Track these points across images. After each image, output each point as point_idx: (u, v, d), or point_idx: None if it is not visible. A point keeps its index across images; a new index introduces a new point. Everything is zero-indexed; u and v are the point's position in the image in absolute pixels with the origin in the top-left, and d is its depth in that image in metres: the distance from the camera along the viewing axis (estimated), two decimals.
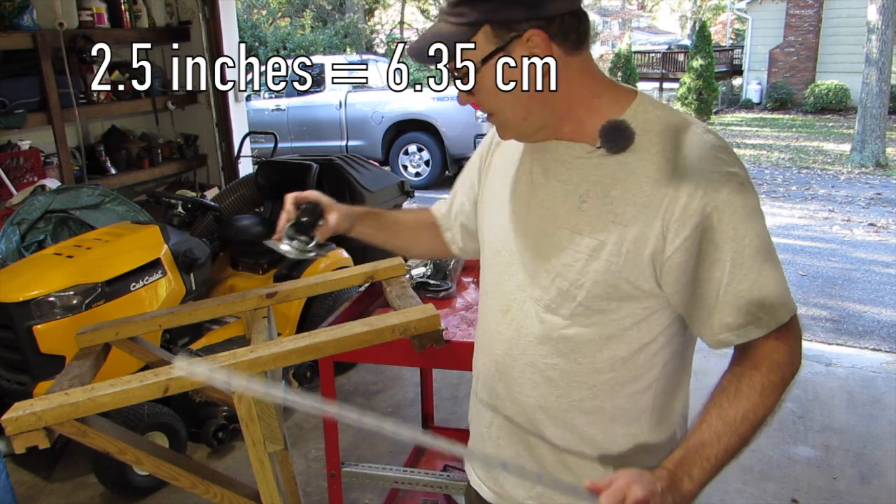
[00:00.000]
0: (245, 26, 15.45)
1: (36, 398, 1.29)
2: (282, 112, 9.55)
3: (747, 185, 0.99)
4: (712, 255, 0.97)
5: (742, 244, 0.96)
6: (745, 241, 0.97)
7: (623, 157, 1.01)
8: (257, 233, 3.57)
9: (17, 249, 3.08)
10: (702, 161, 0.98)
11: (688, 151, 0.98)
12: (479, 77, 1.01)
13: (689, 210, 0.96)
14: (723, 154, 0.99)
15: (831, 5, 15.89)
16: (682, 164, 0.97)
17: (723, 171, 0.97)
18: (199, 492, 1.45)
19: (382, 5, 23.66)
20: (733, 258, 0.97)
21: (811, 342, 4.16)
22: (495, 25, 0.97)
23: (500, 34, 0.98)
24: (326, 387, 1.85)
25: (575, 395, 1.10)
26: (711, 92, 14.98)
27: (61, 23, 4.06)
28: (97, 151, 4.56)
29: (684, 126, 1.01)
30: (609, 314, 1.04)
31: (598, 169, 1.03)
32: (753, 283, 0.97)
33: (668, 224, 0.97)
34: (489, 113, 1.07)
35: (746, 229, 0.97)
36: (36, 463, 2.92)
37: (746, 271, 0.97)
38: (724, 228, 0.96)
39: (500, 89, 1.01)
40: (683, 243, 0.97)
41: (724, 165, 0.98)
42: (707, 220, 0.96)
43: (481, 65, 0.99)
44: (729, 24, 24.60)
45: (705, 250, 0.97)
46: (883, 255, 5.90)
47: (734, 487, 2.75)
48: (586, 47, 1.03)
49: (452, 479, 2.02)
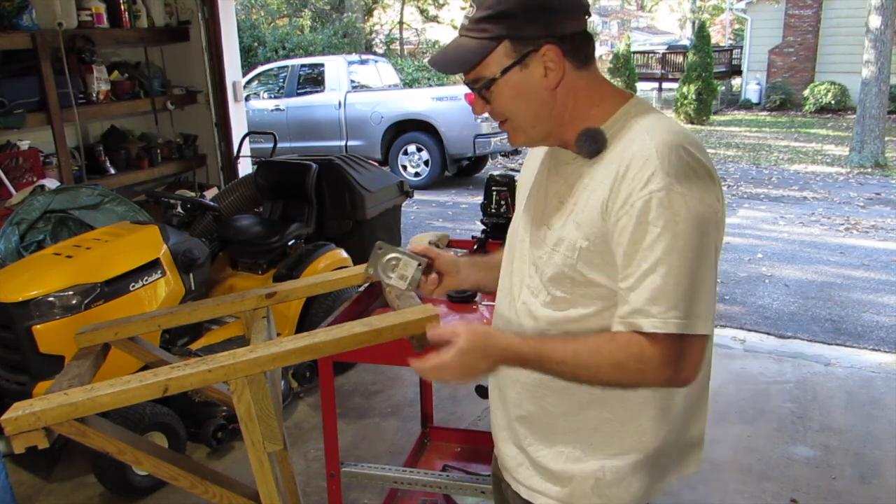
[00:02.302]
0: (244, 26, 15.45)
1: (35, 398, 1.29)
2: (281, 112, 9.56)
3: (686, 186, 1.01)
4: (635, 236, 1.03)
5: (652, 238, 1.01)
6: (653, 236, 1.01)
7: (595, 161, 1.10)
8: (256, 233, 3.57)
9: (16, 249, 3.07)
10: (639, 167, 1.03)
11: (629, 158, 1.04)
12: (498, 87, 1.10)
13: (623, 207, 1.03)
14: (663, 161, 1.02)
15: (830, 6, 15.90)
16: (623, 171, 1.04)
17: (661, 171, 1.01)
18: (198, 492, 1.45)
19: (381, 5, 23.65)
20: (634, 247, 1.03)
21: (811, 342, 4.17)
22: (514, 41, 1.06)
23: (518, 48, 1.07)
24: (326, 387, 1.85)
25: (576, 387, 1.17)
26: (710, 92, 14.97)
27: (60, 23, 4.06)
28: (96, 151, 4.56)
29: (642, 133, 1.06)
30: (573, 302, 1.13)
31: (573, 174, 1.14)
32: (645, 276, 1.02)
33: (613, 220, 1.04)
34: (503, 119, 1.15)
35: (664, 228, 1.00)
36: (35, 463, 2.92)
37: (646, 262, 1.02)
38: (647, 219, 1.01)
39: (514, 98, 1.10)
40: (621, 234, 1.04)
41: (660, 173, 1.01)
42: (639, 210, 1.02)
43: (500, 76, 1.08)
44: (728, 24, 24.61)
45: (633, 235, 1.03)
46: (882, 256, 5.91)
47: (733, 487, 2.75)
48: (593, 62, 1.14)
49: (451, 479, 2.02)
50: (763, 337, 4.26)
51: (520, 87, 1.09)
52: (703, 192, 1.02)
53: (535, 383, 1.19)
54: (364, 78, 10.08)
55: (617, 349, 1.05)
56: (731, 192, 8.52)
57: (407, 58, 20.61)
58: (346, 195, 3.85)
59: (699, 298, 1.02)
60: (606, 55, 19.63)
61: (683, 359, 1.04)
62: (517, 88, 1.09)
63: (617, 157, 1.06)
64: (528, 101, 1.10)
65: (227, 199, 3.95)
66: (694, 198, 1.01)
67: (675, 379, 1.06)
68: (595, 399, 1.16)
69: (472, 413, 3.30)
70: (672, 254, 1.00)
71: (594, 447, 1.18)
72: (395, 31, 23.07)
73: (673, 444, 1.20)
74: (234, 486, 1.50)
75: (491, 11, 1.05)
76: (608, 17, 34.96)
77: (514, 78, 1.08)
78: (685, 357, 1.04)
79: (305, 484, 2.78)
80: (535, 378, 1.18)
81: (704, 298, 1.03)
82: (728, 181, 9.17)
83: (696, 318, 1.02)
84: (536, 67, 1.08)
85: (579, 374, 1.09)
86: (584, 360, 1.07)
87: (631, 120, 1.10)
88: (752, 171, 9.89)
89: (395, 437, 3.17)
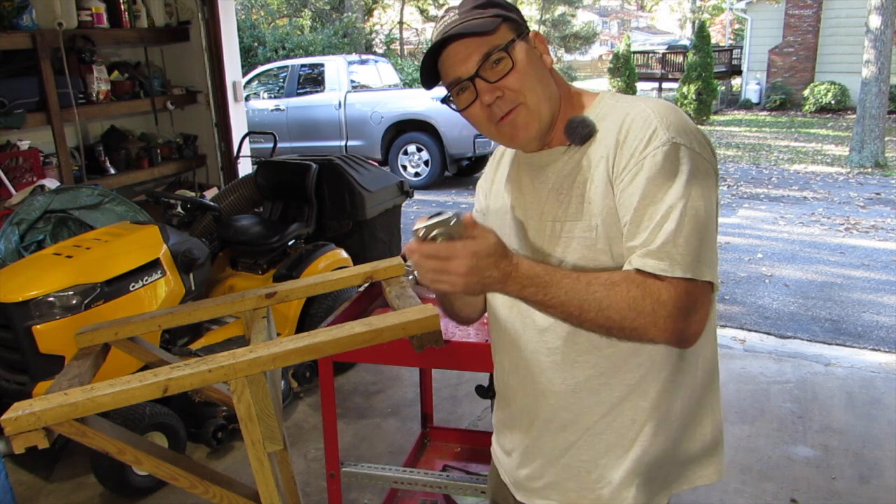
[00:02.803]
0: (244, 26, 15.45)
1: (35, 398, 1.29)
2: (281, 112, 9.56)
3: (687, 139, 1.06)
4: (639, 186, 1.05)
5: (664, 191, 1.04)
6: (665, 189, 1.04)
7: (587, 147, 1.13)
8: (256, 233, 3.57)
9: (16, 249, 3.07)
10: (640, 128, 1.07)
11: (629, 123, 1.09)
12: (511, 55, 1.11)
13: (628, 166, 1.06)
14: (662, 119, 1.07)
15: (830, 6, 15.90)
16: (624, 136, 1.08)
17: (662, 127, 1.06)
18: (198, 492, 1.45)
19: (381, 5, 23.66)
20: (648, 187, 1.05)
21: (811, 342, 4.17)
22: (510, 22, 1.13)
23: (514, 29, 1.13)
24: (326, 387, 1.85)
25: (580, 374, 1.16)
26: (710, 92, 14.99)
27: (60, 23, 4.06)
28: (96, 151, 4.56)
29: (633, 105, 1.12)
30: None
31: (567, 164, 1.16)
32: (659, 226, 1.03)
33: (620, 180, 1.07)
34: (515, 105, 1.12)
35: (677, 177, 1.04)
36: (35, 463, 2.92)
37: (658, 213, 1.04)
38: (656, 172, 1.04)
39: (527, 68, 1.12)
40: (627, 191, 1.06)
41: (661, 129, 1.06)
42: (648, 166, 1.05)
43: (510, 45, 1.11)
44: (728, 24, 24.61)
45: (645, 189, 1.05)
46: (882, 256, 5.91)
47: (733, 487, 2.75)
48: None
49: (451, 479, 2.02)
50: (763, 337, 4.26)
51: (530, 57, 1.13)
52: (701, 143, 1.08)
53: (570, 386, 1.18)
54: (364, 78, 10.08)
55: (635, 286, 1.02)
56: (731, 192, 8.52)
57: (407, 58, 20.63)
58: (346, 195, 3.85)
59: (708, 248, 1.04)
60: (606, 55, 19.65)
61: (695, 312, 1.03)
62: (529, 58, 1.13)
63: (610, 132, 1.11)
64: (539, 73, 1.14)
65: (227, 199, 3.95)
66: (696, 149, 1.06)
67: (685, 332, 1.04)
68: (627, 394, 1.16)
69: (472, 413, 3.30)
70: (682, 202, 1.03)
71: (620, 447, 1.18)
72: (395, 31, 23.08)
73: (671, 452, 1.19)
74: (234, 486, 1.50)
75: (482, 0, 1.13)
76: (608, 17, 34.98)
77: (521, 49, 1.12)
78: (696, 310, 1.04)
79: (305, 484, 2.78)
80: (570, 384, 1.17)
81: (712, 248, 1.05)
82: (728, 181, 9.17)
83: (707, 267, 1.04)
84: (534, 47, 1.15)
85: (585, 308, 1.03)
86: (596, 291, 1.02)
87: (615, 104, 1.15)
88: (752, 171, 9.89)
89: (395, 437, 3.17)
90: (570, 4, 28.14)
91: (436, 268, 1.00)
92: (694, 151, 1.06)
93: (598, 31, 32.75)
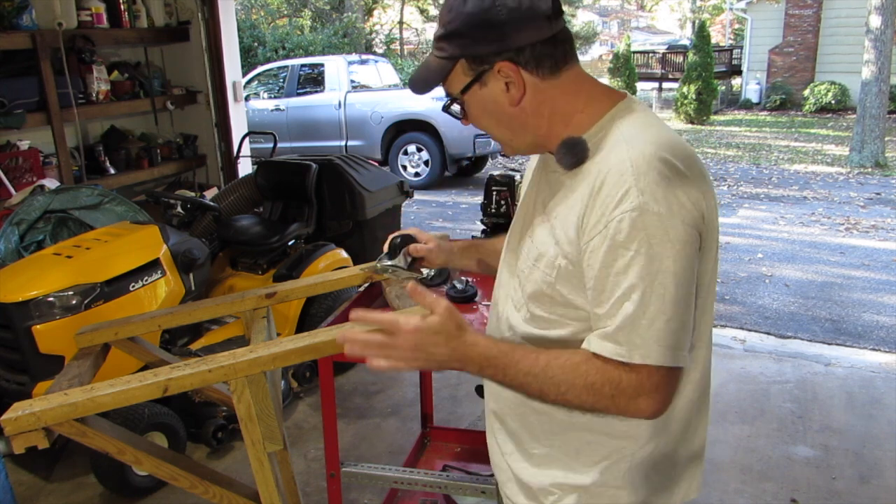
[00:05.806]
0: (244, 26, 15.45)
1: (35, 398, 1.29)
2: (281, 112, 9.56)
3: (664, 205, 0.94)
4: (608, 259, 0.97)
5: (625, 262, 0.95)
6: (626, 260, 0.95)
7: (576, 172, 1.04)
8: (256, 233, 3.57)
9: (16, 249, 3.07)
10: (614, 183, 0.96)
11: (605, 173, 0.98)
12: (466, 105, 1.10)
13: (597, 225, 0.97)
14: (638, 178, 0.95)
15: (830, 5, 15.90)
16: (598, 186, 0.97)
17: (635, 189, 0.94)
18: (198, 492, 1.45)
19: (381, 5, 23.66)
20: (604, 274, 0.97)
21: (811, 342, 4.17)
22: (469, 59, 1.05)
23: (473, 67, 1.05)
24: (326, 387, 1.85)
25: None
26: (710, 92, 14.99)
27: (60, 23, 4.06)
28: (96, 151, 4.56)
29: (626, 138, 1.00)
30: (553, 322, 1.08)
31: (555, 184, 1.09)
32: (619, 303, 0.96)
33: (586, 239, 0.99)
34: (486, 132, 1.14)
35: (636, 252, 0.94)
36: (35, 463, 2.92)
37: (619, 289, 0.96)
38: (619, 241, 0.95)
39: (482, 115, 1.09)
40: (592, 255, 0.98)
41: (634, 191, 0.94)
42: (612, 231, 0.95)
43: (461, 95, 1.08)
44: (728, 24, 24.61)
45: (605, 258, 0.97)
46: (882, 256, 5.91)
47: (733, 487, 2.75)
48: (569, 68, 1.06)
49: (451, 479, 2.02)
50: (763, 337, 4.26)
51: (483, 104, 1.07)
52: (681, 206, 0.95)
53: (519, 401, 1.14)
54: (364, 78, 10.08)
55: (594, 371, 0.98)
56: (731, 192, 8.53)
57: (407, 58, 20.63)
58: (346, 195, 3.85)
59: (677, 327, 0.96)
60: (606, 55, 19.66)
61: (658, 392, 0.99)
62: (481, 106, 1.08)
63: (596, 168, 1.00)
64: (497, 118, 1.08)
65: (227, 199, 3.95)
66: (673, 216, 0.94)
67: (646, 411, 1.00)
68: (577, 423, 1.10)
69: (472, 413, 3.30)
70: (646, 280, 0.94)
71: (577, 464, 1.13)
72: (395, 31, 23.08)
73: (669, 455, 1.14)
74: (234, 486, 1.50)
75: (444, 31, 1.05)
76: (608, 17, 34.98)
77: (476, 96, 1.07)
78: (660, 390, 0.99)
79: (305, 484, 2.78)
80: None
81: (682, 327, 0.97)
82: (728, 181, 9.18)
83: (672, 350, 0.97)
84: (496, 84, 1.04)
85: (545, 391, 1.01)
86: (555, 375, 1.00)
87: (615, 125, 1.03)
88: (752, 171, 9.89)
89: (395, 437, 3.17)
90: (571, 4, 28.16)
91: (381, 343, 1.01)
92: (667, 219, 0.93)
93: (598, 31, 32.77)
